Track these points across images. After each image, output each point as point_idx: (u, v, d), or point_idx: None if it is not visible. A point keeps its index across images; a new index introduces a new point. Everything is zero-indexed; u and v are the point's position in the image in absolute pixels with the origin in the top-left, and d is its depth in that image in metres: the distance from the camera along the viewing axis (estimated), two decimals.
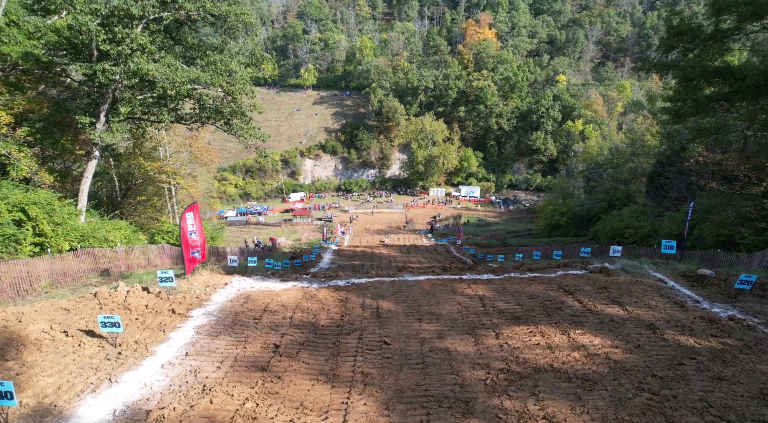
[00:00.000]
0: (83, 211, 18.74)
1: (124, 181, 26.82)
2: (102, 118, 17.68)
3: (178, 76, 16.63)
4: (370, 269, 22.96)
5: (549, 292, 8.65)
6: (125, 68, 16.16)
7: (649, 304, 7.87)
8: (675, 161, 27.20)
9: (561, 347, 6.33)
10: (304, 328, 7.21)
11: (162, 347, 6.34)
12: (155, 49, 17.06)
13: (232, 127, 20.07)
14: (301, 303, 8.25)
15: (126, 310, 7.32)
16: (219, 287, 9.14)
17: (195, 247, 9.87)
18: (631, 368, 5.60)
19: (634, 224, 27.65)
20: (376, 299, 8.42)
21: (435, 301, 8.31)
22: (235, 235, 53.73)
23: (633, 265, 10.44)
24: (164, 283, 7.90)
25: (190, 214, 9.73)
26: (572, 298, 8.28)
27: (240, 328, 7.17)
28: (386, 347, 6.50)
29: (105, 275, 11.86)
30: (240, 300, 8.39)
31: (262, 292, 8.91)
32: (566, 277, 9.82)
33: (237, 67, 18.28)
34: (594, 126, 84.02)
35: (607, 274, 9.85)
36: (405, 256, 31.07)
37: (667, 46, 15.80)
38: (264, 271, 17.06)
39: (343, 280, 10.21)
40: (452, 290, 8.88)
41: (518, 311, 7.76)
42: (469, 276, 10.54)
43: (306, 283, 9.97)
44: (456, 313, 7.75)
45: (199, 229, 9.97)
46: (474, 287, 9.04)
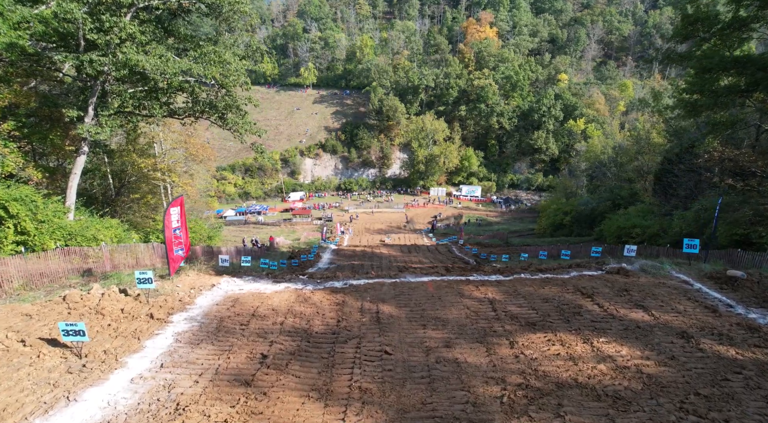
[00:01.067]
0: (72, 208, 18.02)
1: (117, 178, 26.13)
2: (90, 112, 16.95)
3: (169, 67, 15.91)
4: (370, 269, 22.22)
5: (565, 295, 7.92)
6: (114, 59, 15.43)
7: (676, 308, 7.14)
8: (685, 159, 26.44)
9: (585, 358, 5.60)
10: (296, 335, 6.49)
11: (134, 358, 5.61)
12: (146, 39, 16.34)
13: (226, 122, 19.34)
14: (294, 307, 7.52)
15: (98, 315, 6.59)
16: (205, 289, 8.41)
17: (179, 244, 9.15)
18: (668, 384, 4.87)
19: (641, 223, 26.92)
20: (376, 303, 7.69)
21: (441, 304, 7.58)
22: (233, 235, 53.04)
23: (653, 265, 9.71)
24: (143, 285, 7.17)
25: (176, 210, 9.00)
26: (591, 302, 7.54)
27: (225, 335, 6.44)
28: (387, 358, 5.78)
29: (87, 276, 11.13)
30: (227, 303, 7.66)
31: (252, 295, 8.18)
32: (582, 279, 9.09)
33: (231, 58, 17.55)
34: (596, 125, 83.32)
35: (625, 275, 9.13)
36: (406, 255, 30.33)
37: (682, 36, 15.08)
38: (258, 271, 16.32)
39: (340, 281, 9.48)
40: (459, 293, 8.15)
41: (533, 316, 7.03)
42: (476, 277, 9.80)
43: (300, 285, 9.24)
44: (464, 318, 7.02)
45: (183, 225, 9.25)
46: (483, 289, 8.30)
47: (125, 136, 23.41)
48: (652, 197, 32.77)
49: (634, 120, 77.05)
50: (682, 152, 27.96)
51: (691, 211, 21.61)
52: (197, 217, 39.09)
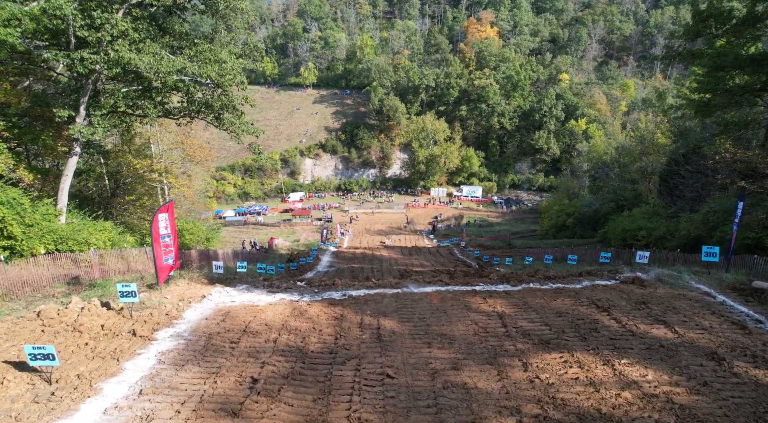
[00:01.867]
0: (63, 211, 17.50)
1: (113, 179, 25.62)
2: (82, 112, 16.44)
3: (163, 65, 15.38)
4: (370, 273, 21.72)
5: (579, 308, 7.40)
6: (105, 57, 14.91)
7: (701, 324, 6.61)
8: (692, 160, 25.90)
9: (607, 384, 5.08)
10: (290, 354, 5.97)
11: (111, 383, 5.09)
12: (139, 36, 15.82)
13: (222, 122, 18.82)
14: (289, 322, 7.00)
15: (75, 332, 6.08)
16: (195, 301, 7.89)
17: (169, 253, 8.63)
18: (704, 418, 4.35)
19: (646, 226, 26.38)
20: (377, 317, 7.17)
21: (446, 319, 7.06)
22: (232, 236, 52.49)
23: (670, 274, 9.18)
24: (126, 299, 6.65)
25: (164, 216, 8.49)
26: (608, 316, 7.02)
27: (213, 354, 5.93)
28: (389, 382, 5.25)
29: (73, 284, 10.61)
30: (217, 317, 7.15)
31: (244, 308, 7.66)
32: (595, 290, 8.57)
33: (228, 57, 17.03)
34: (597, 125, 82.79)
35: (641, 285, 8.61)
36: (407, 258, 29.81)
37: (693, 33, 14.56)
38: (255, 276, 15.84)
39: (338, 291, 8.96)
40: (466, 306, 7.62)
41: (546, 333, 6.51)
42: (482, 287, 9.27)
43: (296, 296, 8.72)
44: (472, 335, 6.50)
45: (173, 232, 8.73)
46: (491, 302, 7.78)
47: (120, 136, 22.88)
48: (657, 199, 32.24)
49: (636, 120, 76.54)
50: (688, 153, 27.42)
51: (700, 213, 21.07)
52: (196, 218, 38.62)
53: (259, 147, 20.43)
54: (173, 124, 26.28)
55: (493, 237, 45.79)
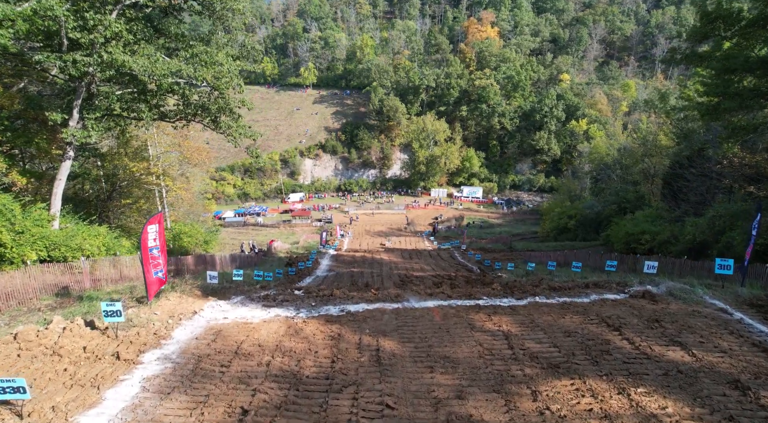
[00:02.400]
0: (57, 216, 17.13)
1: (109, 182, 25.27)
2: (75, 115, 16.07)
3: (157, 68, 15.02)
4: (370, 278, 21.33)
5: (588, 327, 7.03)
6: (98, 59, 14.54)
7: (719, 345, 6.25)
8: (697, 162, 25.51)
9: (623, 416, 4.71)
10: (284, 380, 5.60)
11: (89, 416, 4.72)
12: (133, 38, 15.47)
13: (219, 125, 18.47)
14: (283, 342, 6.63)
15: (55, 356, 5.71)
16: (185, 318, 7.52)
17: (158, 266, 8.27)
18: None
19: (650, 229, 25.98)
20: (376, 336, 6.80)
21: (449, 339, 6.69)
22: (231, 238, 52.12)
23: (683, 288, 8.81)
24: (110, 319, 6.29)
25: (153, 228, 8.12)
26: (619, 336, 6.65)
27: (201, 380, 5.56)
28: (389, 414, 4.89)
29: (63, 295, 10.25)
30: (208, 337, 6.78)
31: (237, 326, 7.29)
32: (604, 305, 8.20)
33: (224, 59, 16.66)
34: (598, 126, 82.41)
35: (652, 300, 8.24)
36: (407, 262, 29.43)
37: (700, 35, 14.18)
38: (252, 284, 15.48)
39: (336, 306, 8.59)
40: (469, 324, 7.25)
41: (555, 356, 6.14)
42: (486, 301, 8.90)
43: (292, 311, 8.35)
44: (477, 357, 6.13)
45: (162, 244, 8.37)
46: (496, 319, 7.41)
47: (116, 139, 22.52)
48: (660, 201, 31.85)
49: (637, 121, 76.16)
50: (692, 155, 27.03)
51: (705, 217, 20.68)
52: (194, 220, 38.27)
53: (256, 150, 20.06)
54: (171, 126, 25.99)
55: (494, 239, 45.45)
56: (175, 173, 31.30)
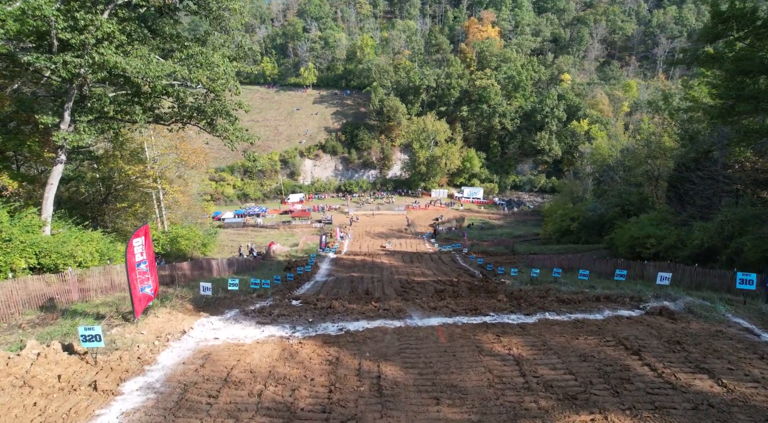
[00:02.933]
0: (48, 221, 16.66)
1: (105, 185, 24.79)
2: (66, 118, 15.59)
3: (151, 70, 14.54)
4: (370, 283, 20.87)
5: (605, 350, 6.54)
6: (90, 60, 14.06)
7: (751, 374, 5.76)
8: (704, 165, 25.02)
9: None
10: (276, 414, 5.12)
11: None
12: (125, 39, 14.99)
13: (216, 128, 18.00)
14: (277, 367, 6.14)
15: (25, 388, 5.23)
16: (173, 339, 7.04)
17: (146, 281, 7.78)
18: None
19: (655, 233, 25.48)
20: (377, 361, 6.31)
21: (456, 364, 6.21)
22: (230, 239, 51.71)
23: (702, 305, 8.31)
24: (89, 344, 5.80)
25: (139, 240, 7.65)
26: (639, 361, 6.17)
27: (186, 414, 5.08)
28: None
29: (48, 308, 9.76)
30: (196, 361, 6.29)
31: (228, 348, 6.80)
32: (620, 323, 7.71)
33: (220, 60, 16.18)
34: (600, 126, 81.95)
35: (671, 318, 7.76)
36: (408, 266, 28.96)
37: (712, 35, 13.70)
38: (249, 292, 15.02)
39: (335, 324, 8.10)
40: (477, 346, 6.76)
41: (572, 385, 5.65)
42: (494, 318, 8.40)
43: (288, 329, 7.85)
44: (486, 386, 5.65)
45: (150, 257, 7.89)
46: (505, 341, 6.92)
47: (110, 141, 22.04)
48: (665, 205, 31.36)
49: (639, 121, 75.66)
50: (698, 157, 26.53)
51: (714, 222, 20.20)
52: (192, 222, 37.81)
53: (254, 154, 19.74)
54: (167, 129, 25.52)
55: (495, 241, 44.98)
56: (172, 176, 30.83)
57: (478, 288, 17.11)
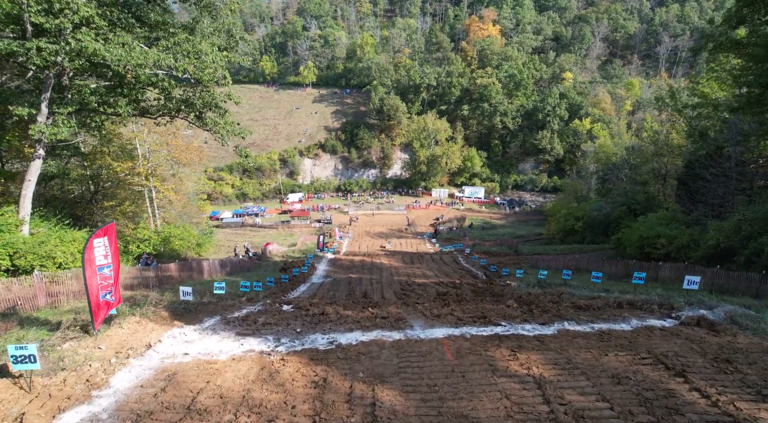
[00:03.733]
0: (26, 220, 15.68)
1: (93, 183, 23.82)
2: (44, 110, 14.58)
3: (133, 58, 13.54)
4: (369, 286, 19.86)
5: (642, 370, 5.54)
6: (66, 47, 13.07)
7: None
8: (717, 161, 24.01)
9: None
10: None
11: None
12: (105, 24, 14.00)
13: (205, 122, 17.00)
14: (252, 391, 5.14)
15: None
16: (135, 354, 6.04)
17: (108, 287, 6.79)
18: None
19: (666, 233, 24.46)
20: (372, 384, 5.31)
21: (466, 387, 5.20)
22: (228, 239, 50.72)
23: (746, 314, 7.29)
24: (21, 366, 4.80)
25: (101, 241, 6.65)
26: (686, 384, 5.17)
27: None
28: None
29: (9, 316, 8.76)
30: (157, 383, 5.30)
31: (198, 366, 5.80)
32: (652, 336, 6.72)
33: (209, 48, 15.19)
34: (602, 125, 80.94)
35: (712, 330, 6.77)
36: (408, 267, 27.95)
37: (736, 19, 12.72)
38: (238, 296, 14.02)
39: (326, 334, 7.10)
40: (490, 364, 5.76)
41: (607, 415, 4.64)
42: (506, 328, 7.39)
43: (271, 341, 6.85)
44: (504, 417, 4.64)
45: (114, 260, 6.90)
46: (523, 358, 5.91)
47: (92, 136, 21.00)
48: (674, 203, 30.34)
49: (641, 120, 74.69)
50: (710, 154, 25.50)
51: (730, 221, 19.19)
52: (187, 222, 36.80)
53: (246, 150, 18.59)
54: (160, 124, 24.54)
55: (497, 241, 43.96)
56: (165, 173, 29.85)
57: (483, 291, 16.13)
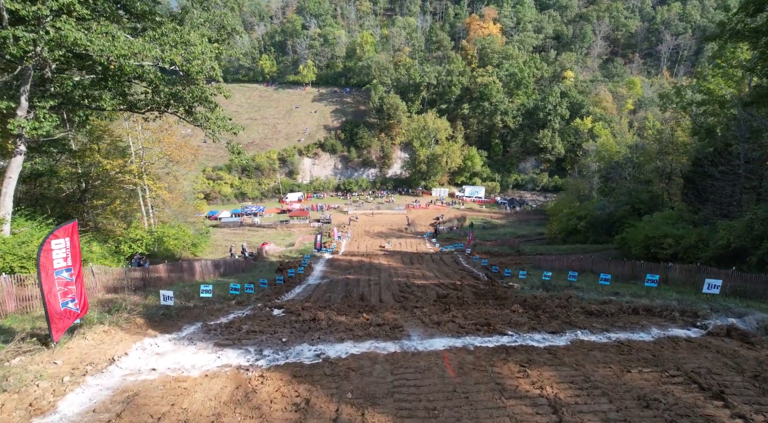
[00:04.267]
0: (7, 219, 14.98)
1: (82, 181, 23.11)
2: (24, 103, 13.88)
3: (117, 48, 12.83)
4: (367, 287, 19.15)
5: (673, 391, 4.81)
6: (45, 36, 12.37)
7: None
8: (726, 159, 23.30)
9: None
10: None
11: None
12: (88, 13, 13.29)
13: (195, 117, 16.30)
14: (224, 416, 4.43)
15: None
16: (94, 371, 5.32)
17: (68, 294, 6.08)
18: None
19: (673, 232, 23.80)
20: (362, 407, 4.59)
21: (470, 412, 4.49)
22: (225, 239, 50.05)
23: None
24: None
25: (61, 242, 5.94)
26: (725, 409, 4.45)
27: None
28: None
29: None
30: (113, 407, 4.58)
31: (164, 384, 5.08)
32: (678, 348, 6.00)
33: (198, 39, 14.48)
34: (603, 124, 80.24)
35: (745, 342, 6.06)
36: (407, 268, 27.23)
37: (755, 6, 12.01)
38: (228, 299, 13.33)
39: (313, 345, 6.38)
40: (497, 384, 5.04)
41: None
42: (512, 338, 6.67)
43: (252, 354, 6.13)
44: None
45: (76, 263, 6.19)
46: (534, 374, 5.19)
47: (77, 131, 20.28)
48: (681, 202, 29.63)
49: (643, 118, 73.96)
50: (718, 151, 24.78)
51: (742, 220, 18.49)
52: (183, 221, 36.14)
53: (238, 146, 17.88)
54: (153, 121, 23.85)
55: (499, 241, 43.25)
56: (159, 172, 29.15)
57: (485, 293, 15.43)
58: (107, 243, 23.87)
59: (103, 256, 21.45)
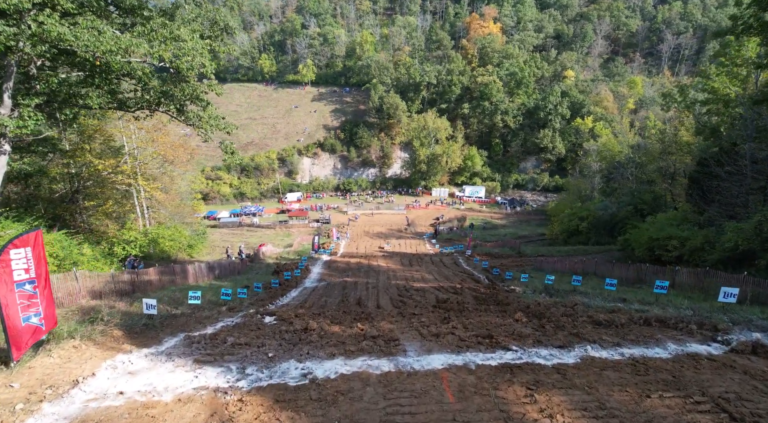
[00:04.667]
0: None
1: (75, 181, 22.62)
2: (7, 101, 13.35)
3: (102, 43, 12.31)
4: (365, 290, 18.63)
5: (699, 420, 4.29)
6: (27, 31, 11.85)
7: None
8: (732, 159, 22.77)
9: None
10: None
11: None
12: (73, 7, 12.77)
13: (187, 116, 15.78)
14: None
15: None
16: (52, 396, 4.78)
17: (31, 308, 5.56)
18: None
19: (677, 234, 23.29)
20: None
21: None
22: (224, 239, 49.58)
23: None
24: None
25: (22, 252, 5.42)
26: None
27: None
28: None
29: None
30: None
31: (131, 411, 4.55)
32: (700, 368, 5.48)
33: (189, 35, 13.96)
34: (604, 123, 79.71)
35: None
36: (407, 270, 26.71)
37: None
38: (218, 305, 12.81)
39: (300, 364, 5.84)
40: (501, 411, 4.50)
41: None
42: (517, 354, 6.14)
43: (232, 373, 5.60)
44: None
45: (41, 274, 5.67)
46: (542, 400, 4.67)
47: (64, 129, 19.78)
48: (685, 203, 29.10)
49: (645, 118, 73.44)
50: (727, 150, 24.23)
51: (750, 222, 17.97)
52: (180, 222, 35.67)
53: (231, 146, 17.36)
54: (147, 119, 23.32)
55: (499, 242, 42.72)
56: (154, 172, 28.64)
57: (486, 298, 14.89)
58: (100, 244, 23.35)
59: (95, 258, 20.93)
